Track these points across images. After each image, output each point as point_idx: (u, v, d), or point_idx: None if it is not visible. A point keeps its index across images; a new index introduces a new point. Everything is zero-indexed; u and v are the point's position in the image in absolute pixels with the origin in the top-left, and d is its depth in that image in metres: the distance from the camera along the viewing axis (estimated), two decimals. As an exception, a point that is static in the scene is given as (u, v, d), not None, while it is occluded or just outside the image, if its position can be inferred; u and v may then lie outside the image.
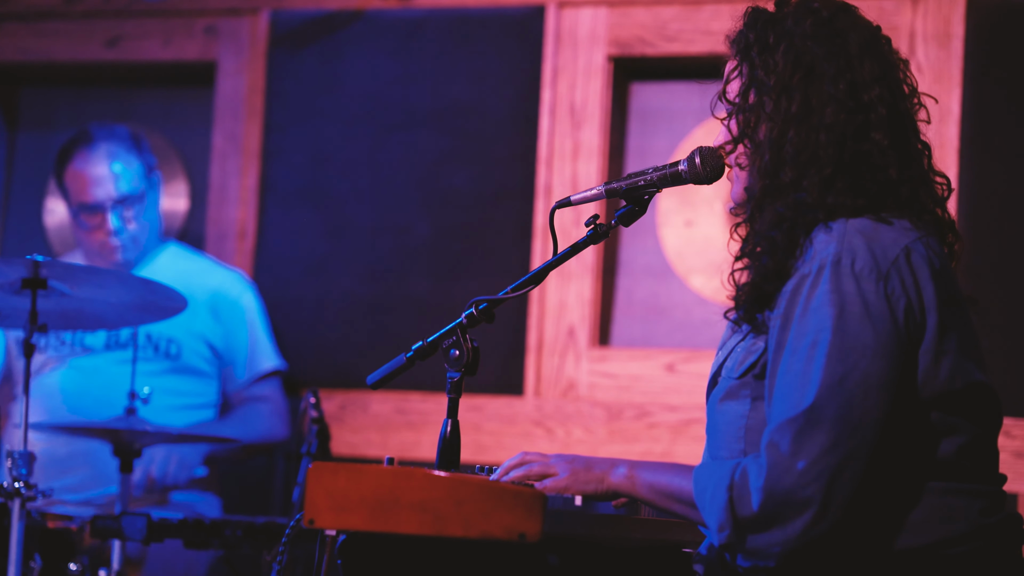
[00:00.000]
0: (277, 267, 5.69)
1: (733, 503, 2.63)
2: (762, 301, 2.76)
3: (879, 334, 2.63)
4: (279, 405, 5.28)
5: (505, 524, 2.61)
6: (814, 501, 2.58)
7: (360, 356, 5.59)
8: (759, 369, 2.76)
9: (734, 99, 2.87)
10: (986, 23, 4.99)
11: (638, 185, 3.05)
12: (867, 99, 2.78)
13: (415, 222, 5.57)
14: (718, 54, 5.24)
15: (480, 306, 3.12)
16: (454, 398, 3.08)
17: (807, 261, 2.70)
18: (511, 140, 5.50)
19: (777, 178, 2.77)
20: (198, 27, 5.89)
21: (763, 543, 2.62)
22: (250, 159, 5.77)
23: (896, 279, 2.67)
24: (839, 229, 2.70)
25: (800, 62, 2.80)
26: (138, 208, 5.17)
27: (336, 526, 2.69)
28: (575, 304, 5.38)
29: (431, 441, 5.45)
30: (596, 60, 5.43)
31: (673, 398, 5.26)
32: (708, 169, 2.99)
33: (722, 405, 2.83)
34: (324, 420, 4.26)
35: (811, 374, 2.62)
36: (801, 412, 2.60)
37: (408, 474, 2.68)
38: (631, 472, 2.79)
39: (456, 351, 3.09)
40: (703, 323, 5.38)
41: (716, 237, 5.35)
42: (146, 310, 4.35)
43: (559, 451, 5.29)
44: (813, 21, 2.83)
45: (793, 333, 2.66)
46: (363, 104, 5.67)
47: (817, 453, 2.58)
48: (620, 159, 5.51)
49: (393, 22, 5.66)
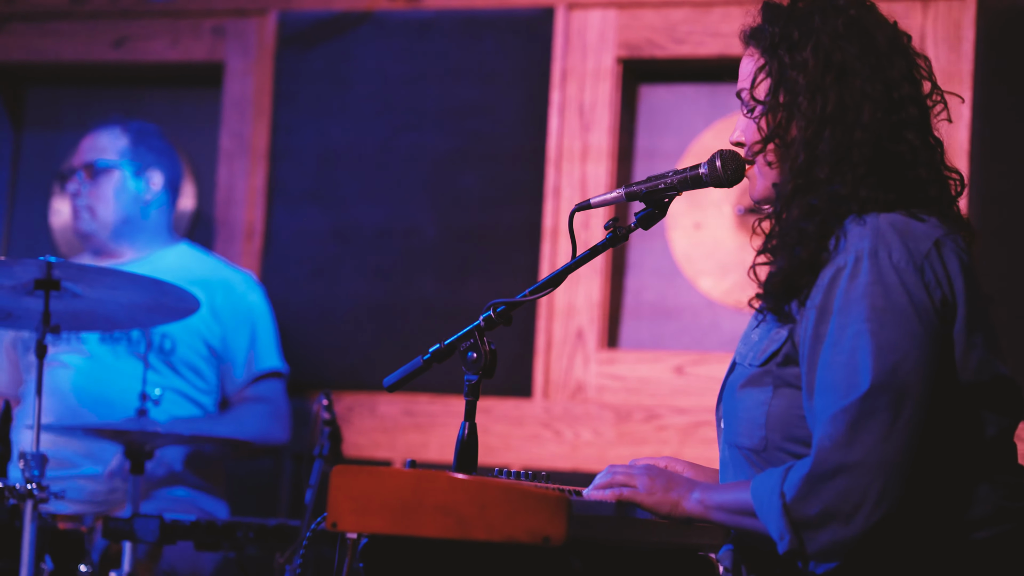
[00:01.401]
0: (285, 268, 5.69)
1: (788, 508, 2.62)
2: (792, 291, 2.77)
3: (924, 324, 2.65)
4: (278, 407, 5.24)
5: (529, 527, 2.60)
6: (873, 491, 2.58)
7: (368, 357, 5.58)
8: (781, 357, 2.77)
9: (764, 98, 2.86)
10: (996, 25, 4.99)
11: (658, 188, 3.04)
12: (898, 97, 2.80)
13: (423, 223, 5.57)
14: (728, 56, 5.32)
15: (498, 309, 3.09)
16: (471, 401, 3.06)
17: (841, 252, 2.71)
18: (520, 141, 5.50)
19: (811, 175, 2.78)
20: (205, 28, 5.88)
21: (825, 541, 2.61)
22: (258, 160, 5.76)
23: (930, 272, 2.69)
24: (872, 223, 2.72)
25: (831, 61, 2.80)
26: (103, 180, 5.22)
27: (359, 529, 2.68)
28: (584, 306, 5.38)
29: (439, 443, 5.45)
30: (605, 62, 5.43)
31: (682, 400, 5.25)
32: (729, 172, 2.99)
33: (742, 392, 2.83)
34: (336, 422, 4.26)
35: (859, 364, 2.62)
36: (854, 402, 2.60)
37: (431, 477, 2.67)
38: (703, 496, 2.77)
39: (474, 354, 3.06)
40: (711, 325, 5.37)
41: (725, 240, 5.35)
42: (157, 311, 4.35)
43: (567, 454, 5.30)
44: (844, 20, 2.82)
45: (834, 325, 2.67)
46: (371, 105, 5.67)
47: (873, 442, 2.59)
48: (629, 161, 5.50)
49: (401, 23, 5.65)
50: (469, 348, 3.07)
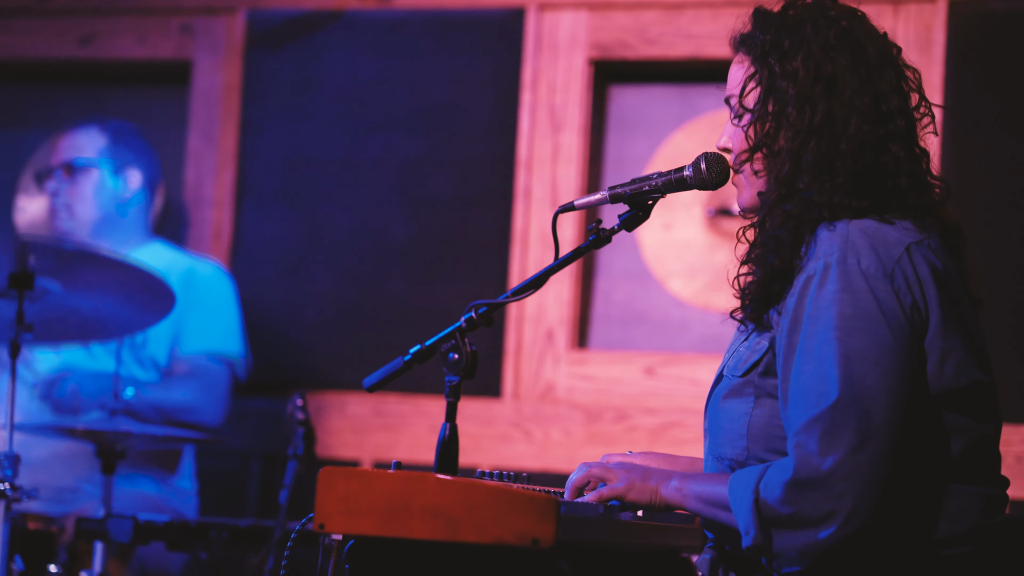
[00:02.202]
0: (253, 268, 5.67)
1: (759, 505, 2.63)
2: (769, 300, 2.77)
3: (893, 332, 2.64)
4: (214, 386, 5.11)
5: (518, 529, 2.60)
6: (845, 502, 2.57)
7: (336, 358, 5.57)
8: (763, 367, 2.77)
9: (753, 106, 2.86)
10: (967, 29, 5.02)
11: (642, 190, 3.03)
12: (886, 110, 2.80)
13: (393, 224, 5.56)
14: (699, 58, 5.33)
15: (480, 310, 3.08)
16: (452, 402, 3.04)
17: (811, 260, 2.71)
18: (490, 143, 5.50)
19: (794, 186, 2.78)
20: (173, 26, 5.86)
21: (791, 544, 2.61)
22: (226, 159, 5.75)
23: (901, 278, 2.69)
24: (842, 229, 2.72)
25: (822, 72, 2.80)
26: (82, 179, 5.19)
27: (347, 531, 2.68)
28: (554, 307, 5.38)
29: (408, 443, 5.45)
30: (576, 63, 5.43)
31: (652, 401, 5.26)
32: (714, 175, 2.98)
33: (725, 403, 2.83)
34: (310, 423, 4.25)
35: (828, 372, 2.61)
36: (825, 410, 2.60)
37: (420, 479, 2.66)
38: (681, 484, 2.77)
39: (455, 355, 3.05)
40: (681, 326, 5.39)
41: (694, 241, 5.36)
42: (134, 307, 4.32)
43: (537, 454, 5.30)
44: (836, 32, 2.82)
45: (804, 334, 2.66)
46: (341, 105, 5.66)
47: (845, 452, 2.58)
48: (599, 163, 5.51)
49: (372, 23, 5.64)
50: (450, 349, 3.06)
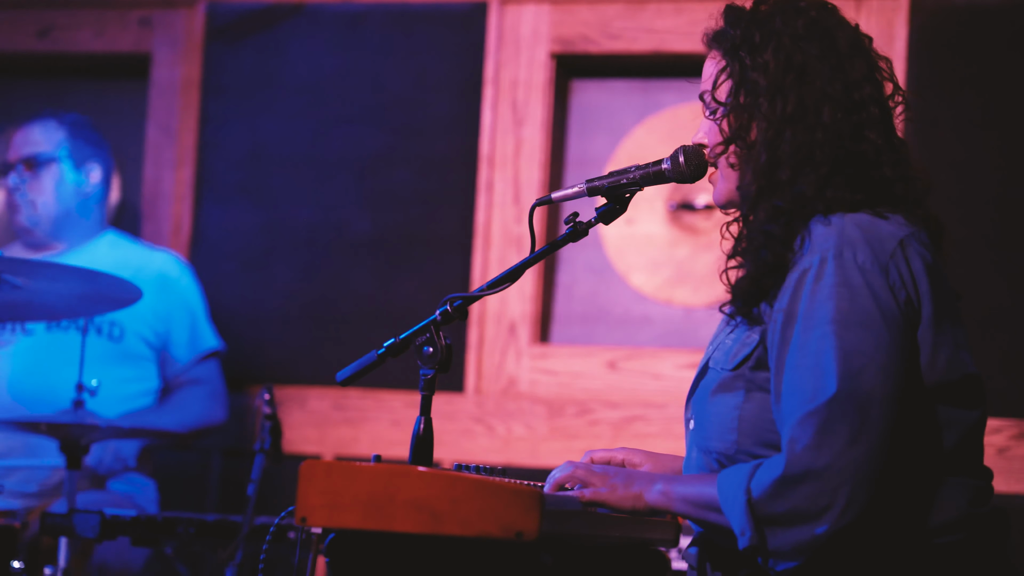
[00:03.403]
0: (213, 262, 5.64)
1: (753, 505, 2.63)
2: (760, 294, 2.77)
3: (890, 326, 2.65)
4: (216, 387, 5.23)
5: (502, 522, 2.60)
6: (841, 495, 2.58)
7: (297, 352, 5.56)
8: (754, 361, 2.77)
9: (725, 99, 2.87)
10: (929, 25, 5.05)
11: (620, 183, 3.04)
12: (859, 98, 2.81)
13: (355, 219, 5.55)
14: (662, 52, 5.34)
15: (455, 303, 3.08)
16: (427, 395, 3.04)
17: (806, 254, 2.71)
18: (453, 138, 5.49)
19: (774, 177, 2.79)
20: (132, 18, 5.82)
21: (787, 541, 2.62)
22: (185, 153, 5.72)
23: (895, 272, 2.70)
24: (838, 223, 2.73)
25: (792, 62, 2.81)
26: (44, 174, 5.17)
27: (330, 524, 2.67)
28: (516, 301, 5.38)
29: (369, 437, 5.44)
30: (538, 57, 5.43)
31: (615, 395, 5.27)
32: (692, 167, 2.99)
33: (714, 397, 2.83)
34: (277, 417, 4.23)
35: (824, 367, 2.62)
36: (822, 404, 2.60)
37: (404, 472, 2.66)
38: (667, 488, 2.77)
39: (430, 348, 3.05)
40: (644, 321, 5.39)
41: (657, 235, 5.37)
42: (98, 302, 4.31)
43: (499, 448, 5.30)
44: (804, 22, 2.84)
45: (799, 328, 2.67)
46: (302, 99, 5.64)
47: (841, 446, 2.59)
48: (561, 158, 5.51)
49: (333, 16, 5.62)
50: (425, 343, 3.06)
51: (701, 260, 5.33)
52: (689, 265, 5.35)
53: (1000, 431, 4.77)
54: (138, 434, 4.77)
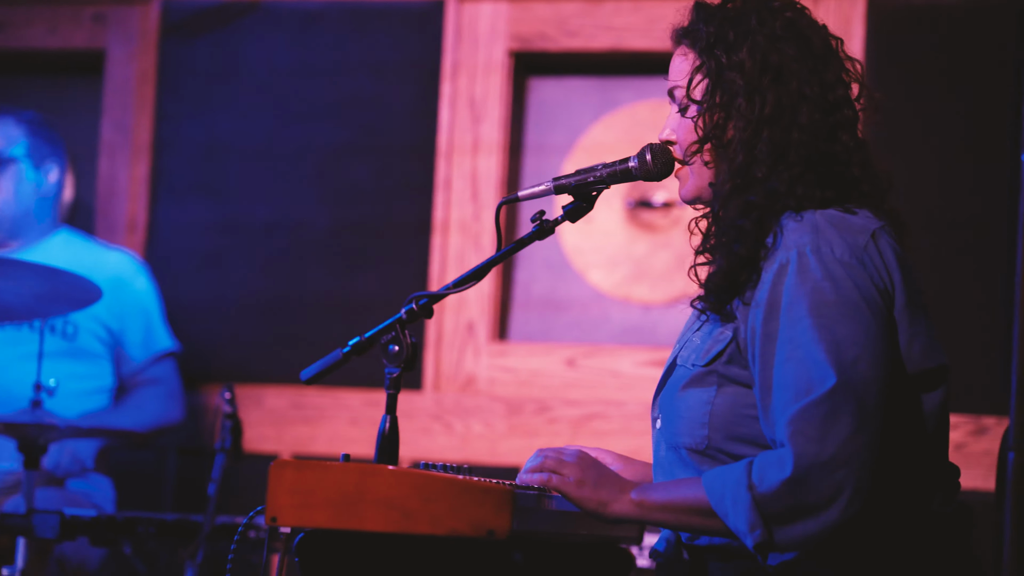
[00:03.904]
0: (169, 261, 5.62)
1: (758, 502, 2.62)
2: (733, 289, 2.77)
3: (875, 316, 2.67)
4: (173, 386, 5.21)
5: (474, 521, 2.60)
6: (847, 485, 2.58)
7: (255, 350, 5.54)
8: (727, 357, 2.77)
9: (701, 98, 2.87)
10: (886, 23, 5.07)
11: (587, 181, 3.04)
12: (834, 99, 2.83)
13: (313, 216, 5.53)
14: (620, 50, 5.35)
15: (420, 301, 3.06)
16: (393, 393, 3.04)
17: (780, 249, 2.72)
18: (410, 134, 5.48)
19: (749, 175, 2.79)
20: (86, 15, 5.79)
21: (797, 534, 2.62)
22: (140, 151, 5.69)
23: (870, 263, 2.72)
24: (809, 219, 2.74)
25: (768, 62, 2.82)
26: (3, 174, 5.12)
27: (300, 524, 2.66)
28: (474, 298, 5.37)
29: (327, 436, 5.42)
30: (496, 54, 5.43)
31: (573, 393, 5.27)
32: (659, 165, 2.98)
33: (684, 392, 2.82)
34: (237, 416, 4.21)
35: (818, 358, 2.63)
36: (823, 395, 2.61)
37: (374, 471, 2.65)
38: (642, 498, 2.75)
39: (395, 346, 3.03)
40: (602, 318, 5.40)
41: (614, 232, 5.38)
42: (57, 301, 4.27)
43: (458, 446, 5.30)
44: (781, 22, 2.85)
45: (784, 322, 2.68)
46: (259, 96, 5.62)
47: (846, 436, 2.59)
48: (519, 154, 5.51)
49: (290, 12, 5.61)
50: (391, 341, 3.04)
51: (659, 257, 5.34)
52: (647, 262, 5.36)
53: (956, 427, 4.80)
54: (97, 434, 4.75)
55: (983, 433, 4.94)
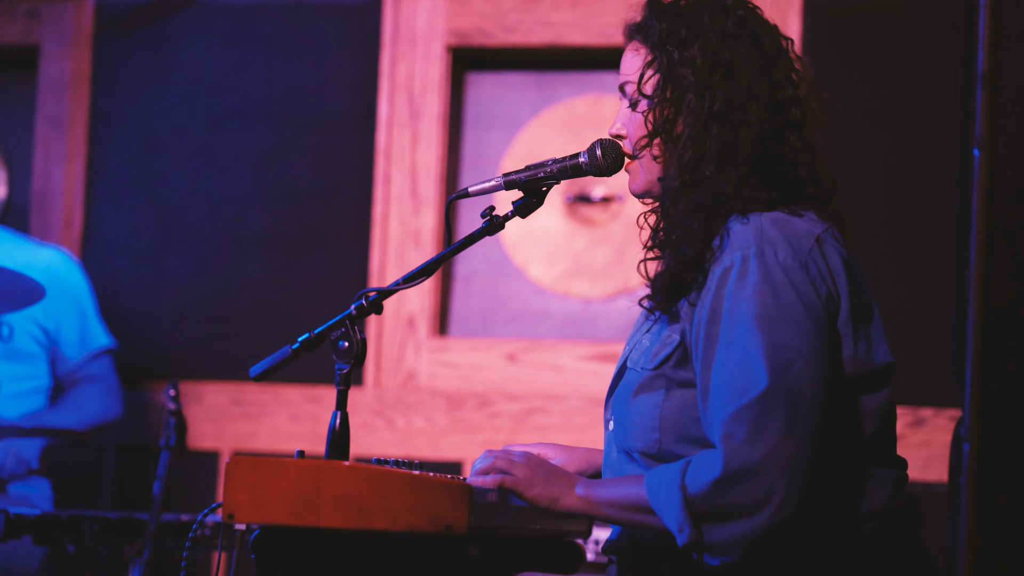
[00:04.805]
0: (106, 257, 5.59)
1: (689, 502, 2.64)
2: (680, 290, 2.79)
3: (814, 320, 2.68)
4: (111, 383, 5.18)
5: (431, 516, 2.60)
6: (778, 489, 2.60)
7: (194, 347, 5.52)
8: (675, 360, 2.79)
9: (652, 93, 2.88)
10: (821, 21, 5.11)
11: (537, 177, 3.05)
12: (782, 98, 2.85)
13: (250, 213, 5.52)
14: (558, 45, 5.36)
15: (370, 297, 3.06)
16: (343, 390, 3.05)
17: (726, 251, 2.73)
18: (349, 130, 5.48)
19: (698, 172, 2.81)
20: (20, 10, 5.75)
21: (727, 535, 2.63)
22: (76, 146, 5.65)
23: (814, 268, 2.74)
24: (755, 221, 2.75)
25: (719, 59, 2.83)
26: None
27: (257, 520, 2.65)
28: (414, 294, 5.37)
29: (268, 432, 5.41)
30: (434, 51, 5.43)
31: (514, 387, 5.29)
32: (608, 161, 3.00)
33: (635, 398, 2.83)
34: (182, 413, 4.20)
35: (753, 362, 2.64)
36: (754, 399, 2.62)
37: (332, 467, 2.65)
38: (587, 492, 2.77)
39: (345, 343, 3.04)
40: (542, 313, 5.42)
41: (554, 227, 5.39)
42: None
43: (399, 442, 5.30)
44: (733, 20, 2.86)
45: (725, 326, 2.69)
46: (196, 92, 5.59)
47: (775, 440, 2.61)
48: (457, 151, 5.51)
49: (226, 9, 5.59)
50: (340, 337, 3.05)
51: (598, 252, 5.36)
52: (586, 257, 5.38)
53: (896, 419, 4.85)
54: (38, 433, 4.71)
55: (921, 425, 4.99)
